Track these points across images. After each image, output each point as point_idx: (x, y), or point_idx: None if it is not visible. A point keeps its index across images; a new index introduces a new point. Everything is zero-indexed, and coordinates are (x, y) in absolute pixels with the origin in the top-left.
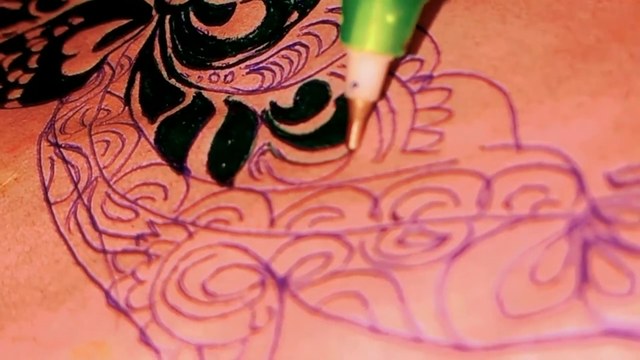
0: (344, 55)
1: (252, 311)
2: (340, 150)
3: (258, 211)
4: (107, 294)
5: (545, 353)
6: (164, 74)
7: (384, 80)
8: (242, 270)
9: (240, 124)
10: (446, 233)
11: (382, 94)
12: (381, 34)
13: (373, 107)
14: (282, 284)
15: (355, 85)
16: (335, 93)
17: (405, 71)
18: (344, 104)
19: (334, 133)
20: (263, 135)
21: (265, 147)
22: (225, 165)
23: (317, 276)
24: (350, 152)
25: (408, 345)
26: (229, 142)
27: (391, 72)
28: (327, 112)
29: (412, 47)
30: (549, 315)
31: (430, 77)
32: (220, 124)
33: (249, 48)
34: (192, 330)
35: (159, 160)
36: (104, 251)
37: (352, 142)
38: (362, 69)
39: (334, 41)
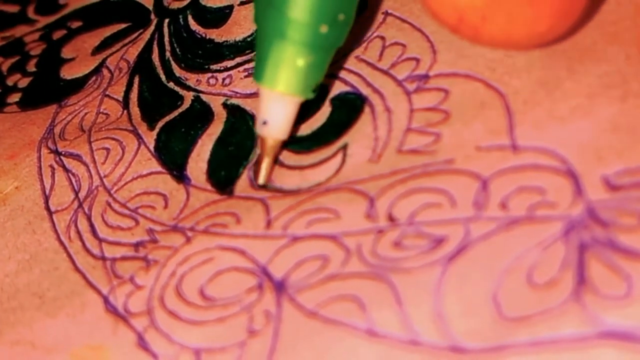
0: (341, 57)
1: (249, 315)
2: (335, 146)
3: (255, 214)
4: (105, 300)
5: (542, 355)
6: (163, 77)
7: (293, 120)
8: (239, 273)
9: (240, 131)
10: (443, 235)
11: (377, 92)
12: (291, 77)
13: (282, 145)
14: (279, 287)
15: (265, 123)
16: (331, 94)
17: (401, 70)
18: (340, 103)
19: (330, 133)
20: None
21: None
22: (225, 173)
23: (315, 279)
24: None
25: (405, 348)
26: (229, 149)
27: (387, 70)
28: (323, 113)
29: (408, 45)
30: (546, 317)
31: (426, 77)
32: (219, 131)
33: (247, 51)
34: (190, 334)
35: (159, 168)
36: (103, 258)
37: (262, 177)
38: (272, 108)
39: None
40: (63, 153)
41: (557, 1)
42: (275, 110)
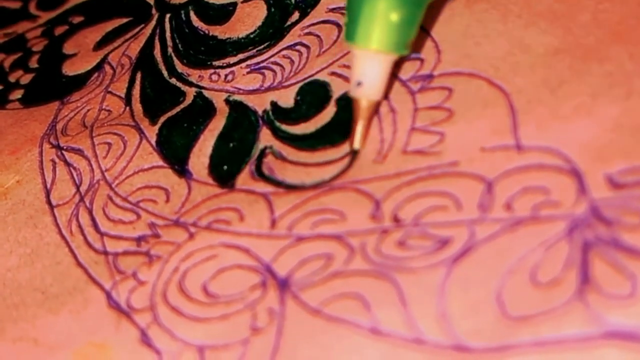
0: (345, 55)
1: (253, 312)
2: (342, 149)
3: (259, 212)
4: (108, 295)
5: (546, 355)
6: (165, 73)
7: (388, 79)
8: (243, 271)
9: (242, 126)
10: (448, 236)
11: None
12: (385, 33)
13: (377, 107)
14: (283, 285)
15: (359, 84)
16: (336, 93)
17: (406, 70)
18: (345, 103)
19: (335, 133)
20: (265, 138)
21: (267, 150)
22: (226, 167)
23: (318, 277)
24: (354, 152)
25: (409, 347)
26: (231, 145)
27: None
28: (328, 112)
29: (412, 45)
30: (550, 317)
31: (430, 77)
32: (221, 126)
33: (250, 48)
34: (193, 331)
35: (161, 163)
36: (105, 253)
37: (357, 142)
38: (367, 68)
39: (335, 41)
40: (65, 148)
41: None
42: (370, 69)
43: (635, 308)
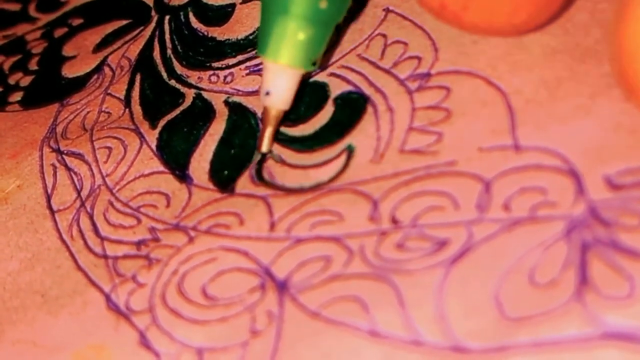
0: (344, 56)
1: (252, 315)
2: (338, 147)
3: (259, 215)
4: (107, 298)
5: (544, 356)
6: (164, 75)
7: (295, 91)
8: (242, 273)
9: (242, 130)
10: (446, 238)
11: (379, 91)
12: (293, 50)
13: (283, 115)
14: (282, 287)
15: (268, 94)
16: (334, 93)
17: (403, 69)
18: (342, 103)
19: (333, 133)
20: None
21: (268, 155)
22: (227, 173)
23: (317, 280)
24: (350, 149)
25: (408, 349)
26: (232, 151)
27: (389, 69)
28: (326, 112)
29: (409, 43)
30: (548, 318)
31: (428, 75)
32: (222, 130)
33: (249, 49)
34: (192, 333)
35: (162, 168)
36: (105, 256)
37: (264, 145)
38: (276, 80)
39: (335, 42)
40: (65, 152)
41: None
42: (278, 81)
43: (633, 309)
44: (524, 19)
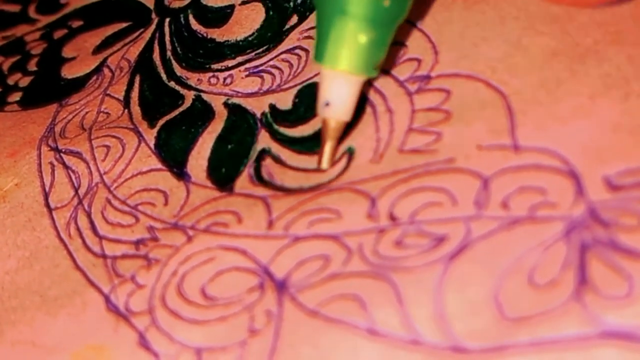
0: None
1: (251, 314)
2: (339, 150)
3: (257, 214)
4: (106, 299)
5: (543, 355)
6: (164, 76)
7: (357, 100)
8: (241, 273)
9: (240, 129)
10: (444, 234)
11: (379, 92)
12: (354, 55)
13: (345, 127)
14: (280, 286)
15: (327, 104)
16: None
17: (403, 71)
18: None
19: None
20: (263, 141)
21: (265, 154)
22: (225, 170)
23: (316, 279)
24: (351, 155)
25: (406, 348)
26: (229, 147)
27: (388, 71)
28: None
29: (409, 46)
30: (547, 317)
31: (428, 78)
32: (220, 129)
33: (248, 51)
34: (191, 334)
35: (160, 166)
36: (103, 256)
37: (325, 162)
38: (335, 89)
39: None
40: (63, 150)
41: None
42: (338, 90)
43: (632, 309)
44: None
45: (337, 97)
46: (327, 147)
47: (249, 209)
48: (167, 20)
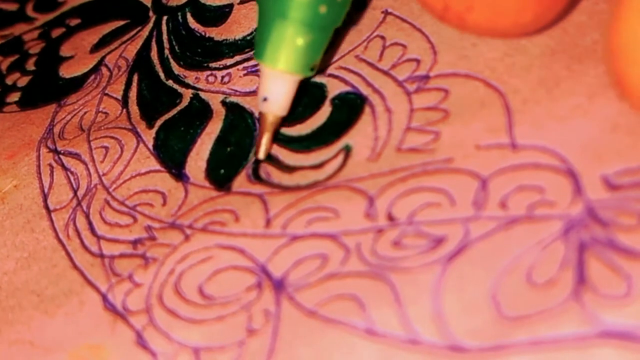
0: (343, 57)
1: (249, 314)
2: (335, 147)
3: (254, 212)
4: (104, 298)
5: (541, 355)
6: (162, 75)
7: (292, 97)
8: (238, 272)
9: (239, 128)
10: (442, 235)
11: (377, 92)
12: (291, 55)
13: (281, 121)
14: (278, 286)
15: (265, 99)
16: (331, 94)
17: (402, 71)
18: (340, 103)
19: (330, 133)
20: None
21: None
22: (223, 171)
23: (314, 278)
24: (348, 152)
25: (405, 348)
26: (228, 149)
27: (387, 71)
28: (324, 112)
29: (408, 46)
30: (546, 317)
31: (426, 77)
32: (218, 130)
33: (246, 50)
34: (189, 333)
35: (158, 167)
36: (101, 255)
37: (262, 152)
38: (273, 86)
39: (333, 44)
40: (62, 152)
41: None
42: (276, 87)
43: (630, 308)
44: (530, 19)
45: (274, 94)
46: (265, 139)
47: (247, 207)
48: (165, 18)
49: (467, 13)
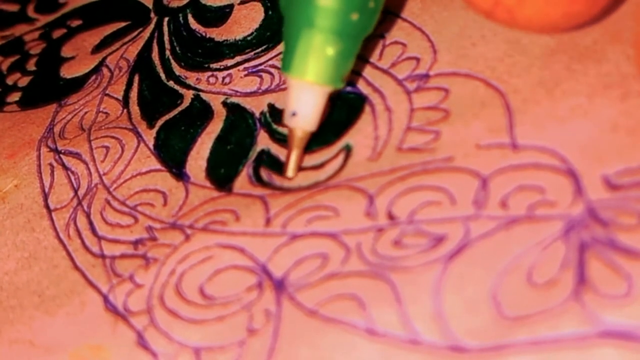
0: None
1: (249, 314)
2: (336, 147)
3: (255, 212)
4: (105, 298)
5: (542, 355)
6: (162, 76)
7: (322, 111)
8: (239, 271)
9: (239, 128)
10: (442, 234)
11: (377, 91)
12: (321, 66)
13: (310, 136)
14: (279, 285)
15: (294, 114)
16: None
17: (402, 70)
18: (340, 103)
19: (331, 132)
20: (262, 141)
21: (264, 156)
22: (224, 171)
23: (314, 278)
24: (348, 152)
25: (405, 347)
26: (228, 147)
27: (387, 70)
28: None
29: (408, 45)
30: (546, 316)
31: (426, 76)
32: (219, 129)
33: (247, 50)
34: (189, 333)
35: (159, 166)
36: (102, 256)
37: (290, 170)
38: (302, 99)
39: None
40: (62, 151)
41: None
42: (305, 100)
43: (631, 308)
44: (580, 9)
45: (303, 108)
46: (293, 156)
47: (247, 207)
48: (166, 19)
49: (517, 7)
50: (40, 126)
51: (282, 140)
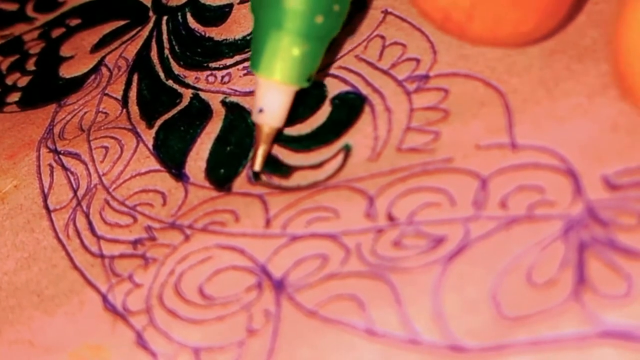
0: (342, 56)
1: (249, 314)
2: (335, 146)
3: (254, 212)
4: (104, 298)
5: (542, 355)
6: (162, 75)
7: (289, 108)
8: (238, 272)
9: (239, 128)
10: (442, 235)
11: (377, 91)
12: (287, 66)
13: (277, 132)
14: (278, 286)
15: (261, 111)
16: (331, 93)
17: (402, 70)
18: (340, 103)
19: (330, 132)
20: None
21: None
22: (223, 171)
23: (314, 278)
24: (348, 152)
25: (405, 348)
26: (228, 148)
27: (387, 70)
28: (324, 112)
29: (408, 45)
30: (546, 316)
31: (426, 77)
32: (218, 129)
33: (246, 50)
34: (189, 333)
35: (158, 167)
36: (101, 256)
37: (257, 164)
38: (269, 97)
39: (333, 43)
40: (62, 152)
41: (543, 1)
42: (272, 98)
43: (630, 308)
44: (531, 28)
45: (270, 105)
46: (260, 151)
47: (247, 208)
48: (165, 18)
49: (467, 22)
50: (40, 127)
51: (281, 139)
